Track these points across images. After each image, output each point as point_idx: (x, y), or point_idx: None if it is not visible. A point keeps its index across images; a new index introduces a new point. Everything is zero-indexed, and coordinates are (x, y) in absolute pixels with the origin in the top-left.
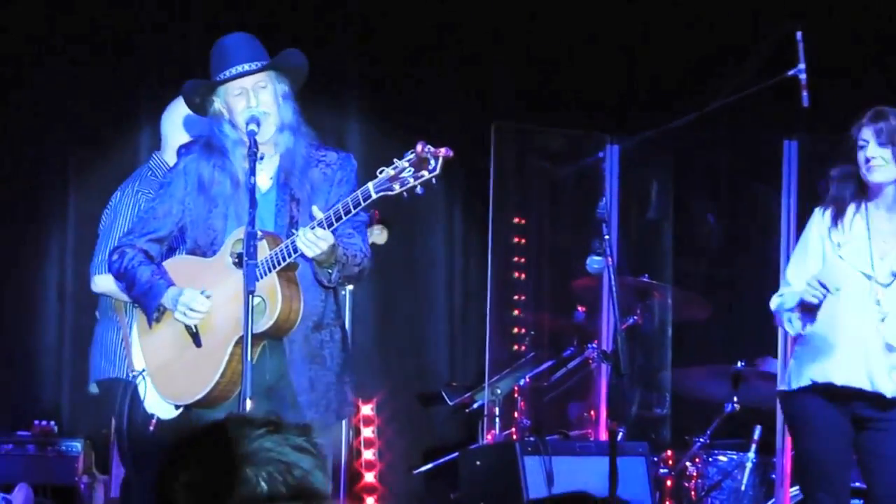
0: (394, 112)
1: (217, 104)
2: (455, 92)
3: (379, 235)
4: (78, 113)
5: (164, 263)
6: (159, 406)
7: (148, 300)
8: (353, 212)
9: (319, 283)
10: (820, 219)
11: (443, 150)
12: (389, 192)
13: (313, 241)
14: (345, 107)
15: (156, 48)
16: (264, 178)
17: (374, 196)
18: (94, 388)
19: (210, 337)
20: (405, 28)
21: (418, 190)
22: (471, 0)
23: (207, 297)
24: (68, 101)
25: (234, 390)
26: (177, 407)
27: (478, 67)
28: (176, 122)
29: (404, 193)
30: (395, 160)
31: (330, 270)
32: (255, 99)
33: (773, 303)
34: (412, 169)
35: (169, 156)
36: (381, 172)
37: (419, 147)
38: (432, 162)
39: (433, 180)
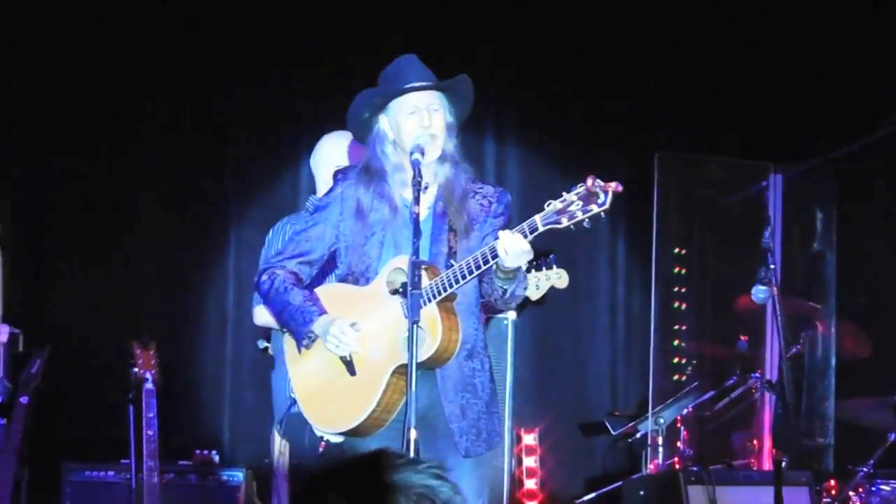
0: (555, 143)
1: (383, 123)
2: (618, 122)
3: (559, 280)
4: (239, 145)
5: (316, 290)
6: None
7: (298, 326)
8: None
9: (493, 295)
10: None
11: (613, 185)
12: (557, 226)
13: (511, 244)
14: (504, 139)
15: (315, 81)
16: (423, 207)
17: (540, 229)
18: (276, 433)
19: (365, 366)
20: (564, 59)
21: (586, 224)
22: (630, 31)
23: (357, 329)
24: (231, 133)
25: (387, 419)
26: (344, 442)
27: (641, 98)
28: (325, 158)
29: (572, 227)
30: (563, 193)
31: (507, 286)
32: (429, 119)
33: None
34: (581, 202)
35: (322, 193)
36: (548, 205)
37: (589, 181)
38: (602, 196)
39: (602, 214)
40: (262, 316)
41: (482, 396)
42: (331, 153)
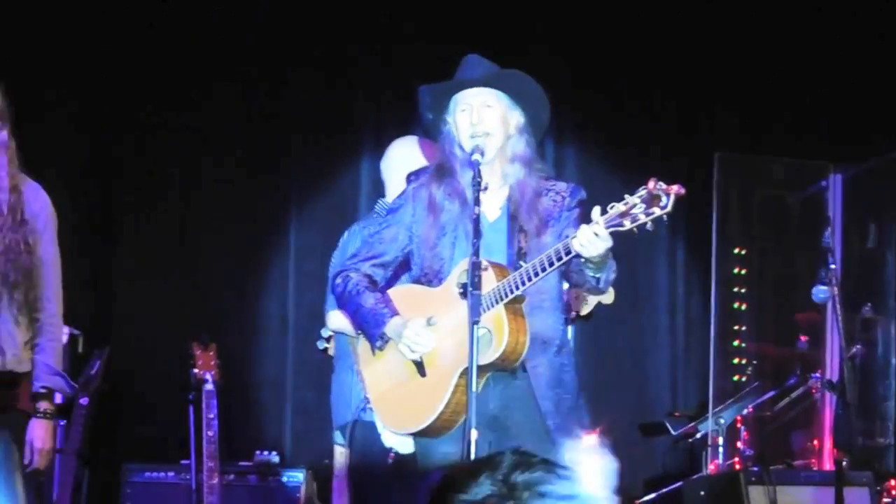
0: (614, 144)
1: (450, 123)
2: (677, 122)
3: (606, 296)
4: (300, 147)
5: (388, 291)
6: (396, 440)
7: (371, 328)
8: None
9: (587, 285)
10: None
11: (675, 188)
12: (619, 228)
13: (591, 241)
14: (562, 139)
15: (377, 82)
16: (493, 207)
17: (606, 232)
18: (338, 438)
19: (434, 367)
20: (622, 59)
21: (648, 226)
22: (689, 29)
23: (432, 329)
24: (292, 135)
25: (457, 420)
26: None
27: (700, 97)
28: (394, 163)
29: (634, 230)
30: (625, 196)
31: (601, 274)
32: (478, 116)
33: None
34: (643, 205)
35: (392, 198)
36: (611, 208)
37: (651, 183)
38: (664, 199)
39: (664, 217)
40: (336, 320)
41: (571, 391)
42: (400, 157)
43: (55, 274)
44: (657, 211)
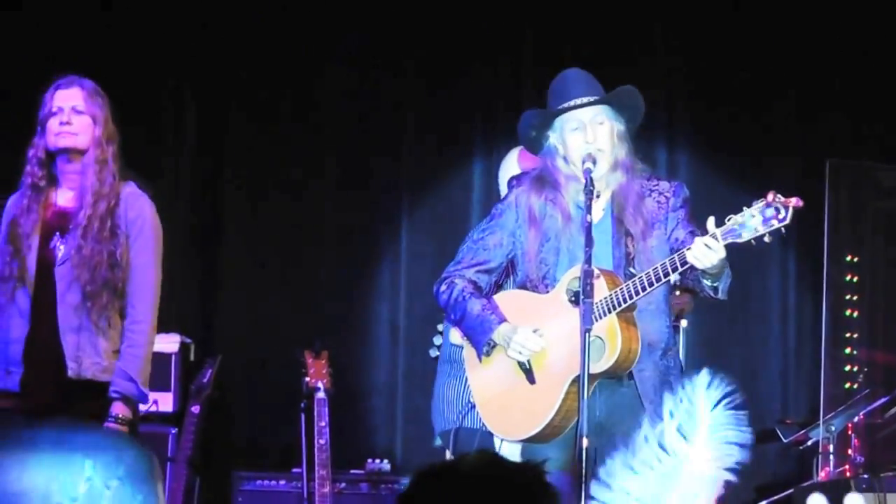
0: (726, 150)
1: (552, 139)
2: (790, 128)
3: (688, 303)
4: (411, 151)
5: (495, 297)
6: (509, 450)
7: (478, 335)
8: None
9: (705, 293)
10: None
11: (793, 200)
12: (738, 240)
13: (705, 254)
14: (675, 146)
15: (486, 88)
16: (597, 211)
17: (720, 242)
18: (438, 442)
19: (544, 374)
20: (734, 64)
21: (766, 239)
22: (800, 37)
23: (540, 335)
24: (402, 137)
25: (565, 427)
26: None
27: (812, 103)
28: (509, 171)
29: (752, 241)
30: (744, 207)
31: (719, 283)
32: (593, 134)
33: None
34: (761, 217)
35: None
36: (728, 220)
37: (770, 195)
38: (782, 211)
39: (782, 230)
40: (458, 335)
41: (677, 393)
42: (519, 167)
43: (145, 282)
44: (775, 223)
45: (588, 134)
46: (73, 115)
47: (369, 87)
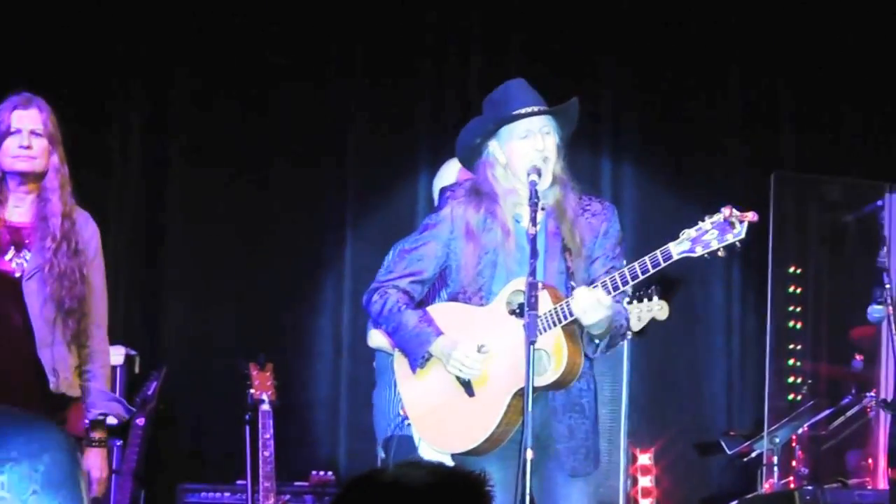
0: (673, 161)
1: (493, 148)
2: (737, 139)
3: (660, 311)
4: (355, 161)
5: (429, 309)
6: (435, 457)
7: (414, 347)
8: (651, 272)
9: (585, 347)
10: None
11: (749, 215)
12: (691, 254)
13: (592, 307)
14: (620, 154)
15: (433, 101)
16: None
17: (675, 258)
18: (381, 453)
19: (484, 387)
20: (682, 73)
21: (720, 253)
22: (749, 47)
23: (485, 352)
24: (349, 149)
25: (502, 440)
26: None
27: (757, 115)
28: (445, 179)
29: (706, 255)
30: (699, 222)
31: (598, 342)
32: (542, 142)
33: None
34: (717, 231)
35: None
36: (683, 234)
37: (726, 210)
38: (738, 226)
39: (737, 244)
40: (377, 338)
41: (589, 416)
42: (457, 177)
43: (103, 302)
44: (730, 238)
45: (538, 142)
46: (32, 137)
47: (314, 94)
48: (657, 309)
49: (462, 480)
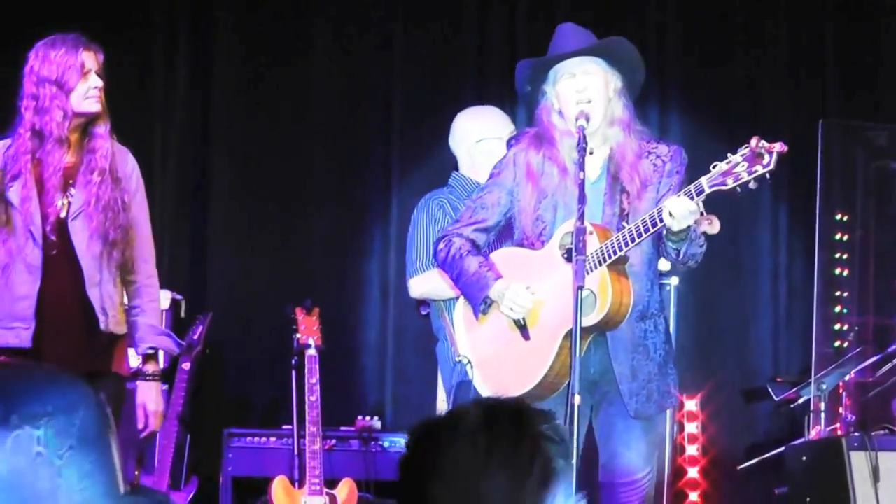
0: (719, 108)
1: (549, 92)
2: (783, 87)
3: (710, 226)
4: (402, 108)
5: (491, 255)
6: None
7: (475, 292)
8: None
9: (667, 256)
10: None
11: (777, 146)
12: (723, 187)
13: (682, 212)
14: (667, 101)
15: (477, 50)
16: (594, 168)
17: (707, 190)
18: (449, 404)
19: (539, 330)
20: (729, 22)
21: (751, 185)
22: None
23: (532, 292)
24: (394, 95)
25: (562, 382)
26: None
27: (808, 62)
28: (461, 137)
29: (738, 188)
30: (728, 154)
31: (679, 246)
32: (583, 82)
33: None
34: (746, 164)
35: (465, 170)
36: (714, 167)
37: (754, 142)
38: (767, 157)
39: (767, 175)
40: (419, 288)
41: (654, 358)
42: (467, 130)
43: (148, 235)
44: (760, 169)
45: (579, 82)
46: (99, 79)
47: (360, 47)
48: (706, 224)
49: (509, 410)
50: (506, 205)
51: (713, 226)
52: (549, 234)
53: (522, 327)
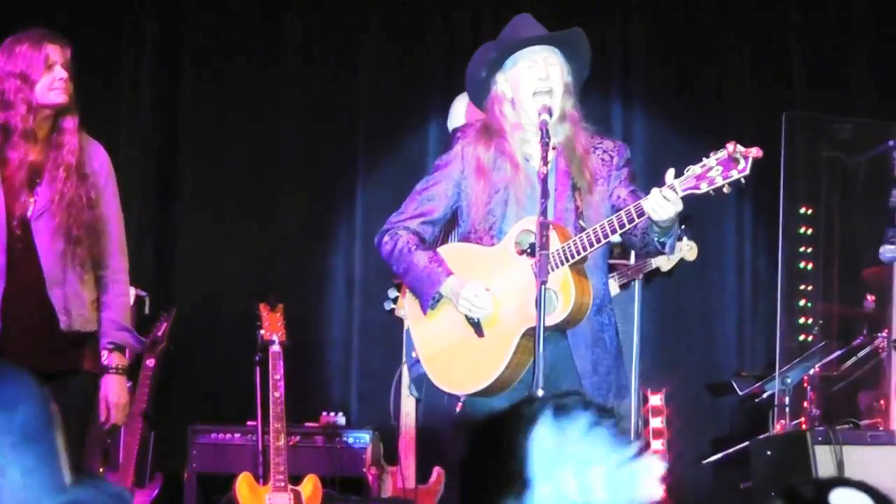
0: (682, 101)
1: (500, 82)
2: (747, 80)
3: (689, 252)
4: (368, 101)
5: (440, 250)
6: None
7: (425, 287)
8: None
9: (654, 249)
10: None
11: (753, 151)
12: (696, 191)
13: (661, 205)
14: (631, 100)
15: (445, 42)
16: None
17: (679, 194)
18: (412, 391)
19: (494, 327)
20: (692, 18)
21: (725, 190)
22: None
23: (493, 294)
24: (361, 88)
25: (513, 380)
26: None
27: (770, 56)
28: (457, 118)
29: (711, 192)
30: (703, 158)
31: (667, 239)
32: (546, 71)
33: None
34: (721, 168)
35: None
36: (687, 170)
37: (730, 146)
38: (742, 161)
39: (742, 181)
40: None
41: (611, 350)
42: (466, 113)
43: (118, 230)
44: (735, 174)
45: (541, 70)
46: (63, 71)
47: (326, 42)
48: (686, 250)
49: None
50: (453, 197)
51: (692, 252)
52: (499, 229)
53: (476, 325)
